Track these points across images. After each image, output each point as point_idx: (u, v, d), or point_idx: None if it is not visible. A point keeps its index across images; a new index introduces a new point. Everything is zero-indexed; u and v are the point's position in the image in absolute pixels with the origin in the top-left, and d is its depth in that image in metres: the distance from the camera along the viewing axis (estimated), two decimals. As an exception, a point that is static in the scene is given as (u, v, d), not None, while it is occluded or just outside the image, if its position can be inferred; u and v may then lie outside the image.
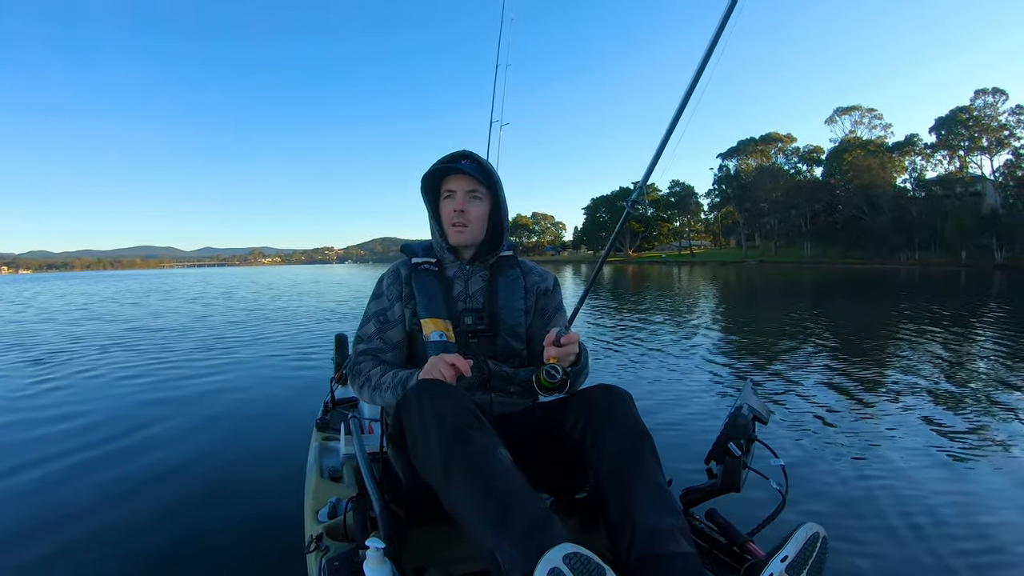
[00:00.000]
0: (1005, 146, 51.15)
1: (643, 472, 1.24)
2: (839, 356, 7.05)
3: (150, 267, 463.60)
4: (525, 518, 1.08)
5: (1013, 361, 6.58)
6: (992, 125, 51.96)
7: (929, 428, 4.09)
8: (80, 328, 11.98)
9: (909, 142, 60.03)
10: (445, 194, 1.71)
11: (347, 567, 1.31)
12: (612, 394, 1.40)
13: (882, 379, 5.75)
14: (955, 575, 2.26)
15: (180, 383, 6.04)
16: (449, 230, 1.70)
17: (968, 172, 54.57)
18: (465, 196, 1.67)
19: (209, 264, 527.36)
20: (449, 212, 1.69)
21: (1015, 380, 5.59)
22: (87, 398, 5.45)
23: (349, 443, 1.72)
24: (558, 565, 0.95)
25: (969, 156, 54.77)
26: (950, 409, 4.57)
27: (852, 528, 2.62)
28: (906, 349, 7.56)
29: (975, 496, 2.96)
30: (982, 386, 5.41)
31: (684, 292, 19.64)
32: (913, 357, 6.96)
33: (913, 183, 59.12)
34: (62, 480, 3.38)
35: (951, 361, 6.71)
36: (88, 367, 7.12)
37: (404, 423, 1.29)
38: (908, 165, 60.03)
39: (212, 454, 3.76)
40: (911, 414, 4.44)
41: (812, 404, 4.77)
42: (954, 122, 54.10)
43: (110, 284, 40.79)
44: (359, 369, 1.66)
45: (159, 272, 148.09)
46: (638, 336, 9.08)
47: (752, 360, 6.95)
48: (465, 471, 1.16)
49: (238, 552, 2.48)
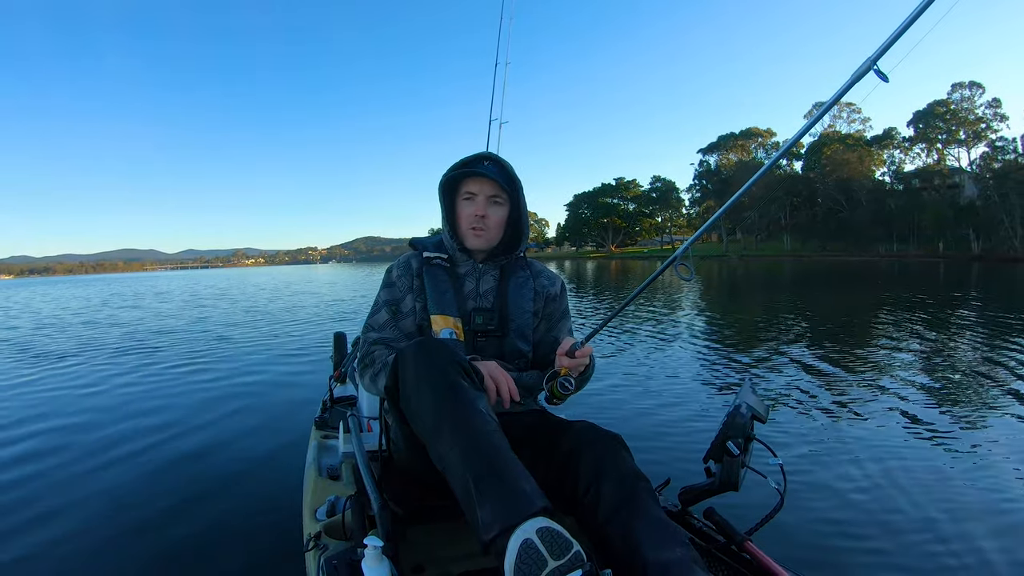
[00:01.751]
0: (982, 138, 52.13)
1: (643, 512, 1.22)
2: (826, 347, 7.12)
3: (133, 270, 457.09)
4: (507, 482, 1.11)
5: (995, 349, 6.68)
6: (969, 118, 52.92)
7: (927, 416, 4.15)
8: (75, 329, 11.97)
9: (887, 136, 61.01)
10: (465, 196, 1.67)
11: (345, 565, 1.30)
12: (603, 442, 1.37)
13: (872, 370, 5.82)
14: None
15: (178, 383, 6.02)
16: (467, 233, 1.68)
17: (946, 164, 55.49)
18: (486, 201, 1.65)
19: (192, 266, 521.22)
20: (469, 215, 1.66)
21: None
22: (86, 398, 5.45)
23: (348, 441, 1.72)
24: (531, 536, 1.01)
25: (947, 149, 55.80)
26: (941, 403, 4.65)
27: (850, 524, 2.64)
28: (891, 339, 7.66)
29: (971, 488, 2.99)
30: (967, 379, 5.49)
31: (667, 286, 19.72)
32: (900, 346, 7.06)
33: (892, 176, 60.01)
34: (59, 474, 3.37)
35: (944, 352, 6.81)
36: (86, 367, 7.12)
37: (400, 376, 1.32)
38: (887, 158, 61.01)
39: (210, 452, 3.75)
40: (903, 406, 4.50)
41: (805, 397, 4.82)
42: (931, 115, 55.11)
43: (101, 288, 40.08)
44: (374, 357, 1.60)
45: (143, 275, 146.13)
46: (627, 328, 9.10)
47: (739, 352, 6.99)
48: (454, 425, 1.19)
49: (236, 550, 2.47)
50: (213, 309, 16.41)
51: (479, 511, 1.09)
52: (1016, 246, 42.05)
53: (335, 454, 2.32)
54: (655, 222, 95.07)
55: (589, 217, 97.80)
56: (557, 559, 1.00)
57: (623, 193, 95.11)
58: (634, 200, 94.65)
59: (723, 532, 1.48)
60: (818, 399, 4.77)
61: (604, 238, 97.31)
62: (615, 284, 23.43)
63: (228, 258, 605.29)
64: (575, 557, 1.01)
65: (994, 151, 49.30)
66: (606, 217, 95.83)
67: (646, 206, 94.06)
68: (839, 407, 4.51)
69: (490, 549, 1.07)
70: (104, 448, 3.87)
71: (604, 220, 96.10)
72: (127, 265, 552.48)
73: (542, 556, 0.99)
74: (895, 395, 4.84)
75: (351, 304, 16.43)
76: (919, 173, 56.59)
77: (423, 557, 1.40)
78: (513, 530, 1.03)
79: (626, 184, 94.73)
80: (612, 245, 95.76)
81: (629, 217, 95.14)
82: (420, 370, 1.27)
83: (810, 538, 2.48)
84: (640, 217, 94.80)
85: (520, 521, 1.04)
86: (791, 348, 7.24)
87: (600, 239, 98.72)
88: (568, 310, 1.84)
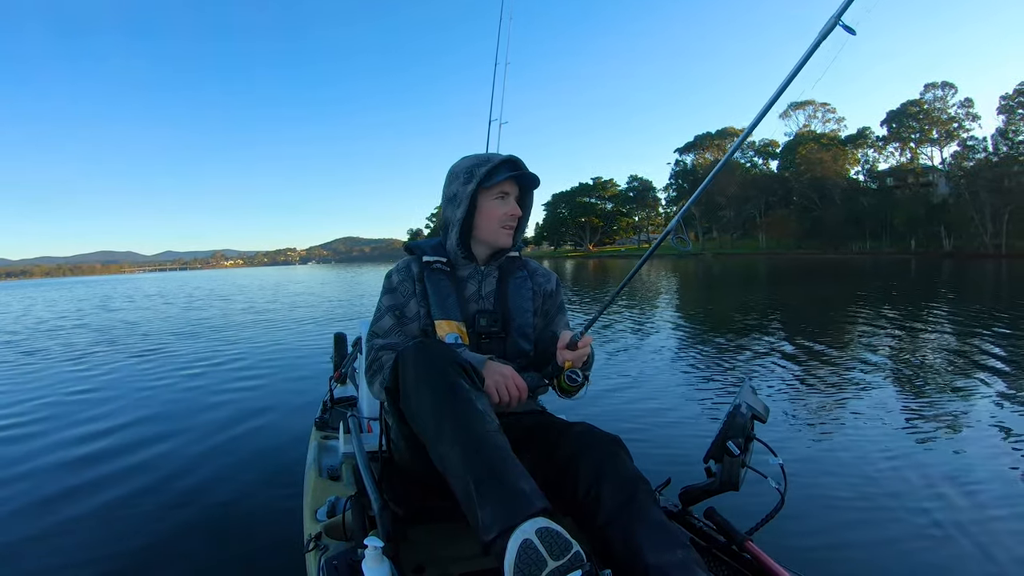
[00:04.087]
0: (954, 138, 53.21)
1: (643, 515, 1.22)
2: (823, 345, 7.23)
3: (111, 272, 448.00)
4: (507, 483, 1.12)
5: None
6: (942, 118, 54.00)
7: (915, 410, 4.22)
8: (69, 330, 12.05)
9: (861, 135, 62.01)
10: (499, 195, 1.68)
11: (346, 566, 1.30)
12: (603, 444, 1.37)
13: (871, 371, 5.92)
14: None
15: (177, 383, 6.04)
16: (499, 232, 1.68)
17: (919, 163, 56.55)
18: (516, 201, 1.71)
19: (171, 268, 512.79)
20: (503, 215, 1.67)
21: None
22: (84, 397, 5.50)
23: (348, 442, 1.73)
24: (531, 537, 1.02)
25: (920, 148, 56.82)
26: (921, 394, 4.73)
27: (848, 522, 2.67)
28: (890, 336, 7.79)
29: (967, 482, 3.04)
30: (969, 377, 5.59)
31: (648, 285, 19.85)
32: (898, 345, 7.18)
33: (865, 175, 61.00)
34: (57, 474, 3.42)
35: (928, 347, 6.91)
36: (84, 366, 7.22)
37: (400, 376, 1.33)
38: (861, 157, 62.02)
39: (210, 452, 3.76)
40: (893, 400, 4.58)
41: (804, 397, 4.90)
42: (905, 115, 56.13)
43: (85, 291, 39.31)
44: (382, 363, 1.58)
45: (122, 277, 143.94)
46: (626, 328, 9.19)
47: (738, 352, 7.07)
48: (454, 425, 1.20)
49: (236, 550, 2.50)
50: (210, 310, 16.38)
51: (479, 512, 1.10)
52: (986, 243, 43.04)
53: (335, 455, 2.32)
54: (632, 221, 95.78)
55: (567, 216, 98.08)
56: (557, 559, 1.00)
57: (601, 192, 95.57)
58: (612, 199, 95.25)
59: (724, 532, 1.47)
60: (818, 399, 4.82)
61: (582, 237, 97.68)
62: (594, 282, 23.61)
63: (207, 260, 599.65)
64: (575, 557, 1.01)
65: (965, 150, 50.38)
66: (584, 216, 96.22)
67: (624, 205, 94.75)
68: (839, 407, 4.56)
69: (490, 550, 1.08)
70: (103, 449, 3.89)
71: (582, 219, 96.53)
72: (105, 267, 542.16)
73: (541, 556, 1.00)
74: (895, 396, 4.89)
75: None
76: (893, 172, 57.67)
77: (424, 557, 1.40)
78: (513, 531, 1.04)
79: (604, 183, 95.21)
80: (590, 244, 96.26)
81: (607, 216, 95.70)
82: (420, 371, 1.28)
83: (811, 538, 2.50)
84: (618, 216, 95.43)
85: (519, 522, 1.05)
86: (786, 346, 7.35)
87: (578, 238, 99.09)
88: (564, 305, 1.86)
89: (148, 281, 64.04)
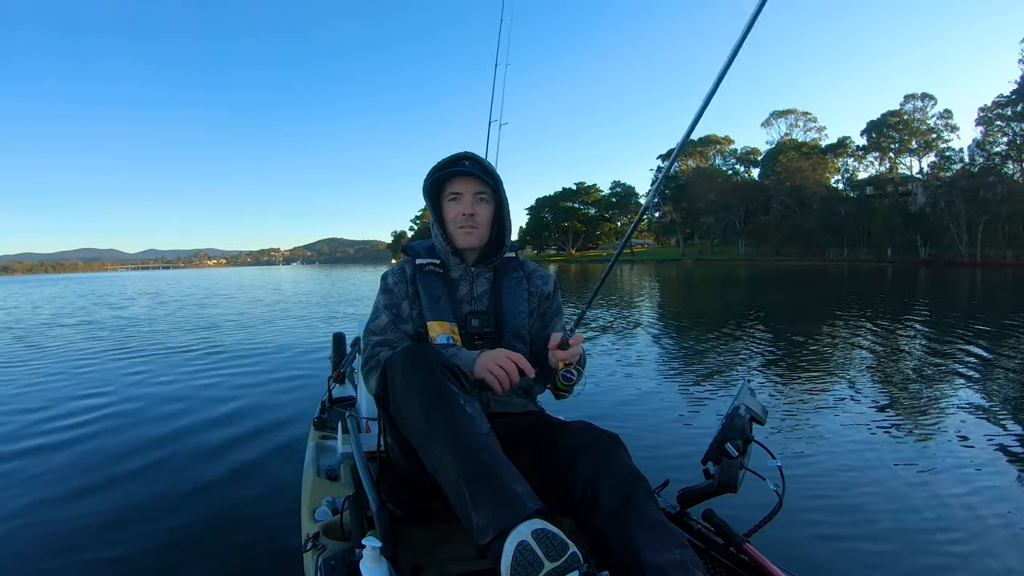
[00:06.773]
0: (933, 148, 54.18)
1: (642, 514, 1.22)
2: (821, 348, 7.31)
3: (93, 270, 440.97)
4: (500, 486, 1.11)
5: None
6: (921, 128, 54.92)
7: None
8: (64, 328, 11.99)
9: (841, 144, 62.85)
10: (450, 196, 1.68)
11: (343, 566, 1.28)
12: (601, 442, 1.37)
13: (871, 371, 5.98)
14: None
15: (175, 383, 5.98)
16: (456, 232, 1.67)
17: (898, 173, 57.48)
18: (473, 198, 1.66)
19: (154, 267, 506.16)
20: (456, 215, 1.66)
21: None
22: (83, 397, 5.43)
23: (346, 442, 1.73)
24: (526, 539, 1.01)
25: (899, 158, 57.73)
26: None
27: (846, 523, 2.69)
28: (882, 342, 7.89)
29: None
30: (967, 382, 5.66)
31: (631, 289, 19.98)
32: (895, 347, 7.27)
33: (845, 183, 61.88)
34: (56, 475, 3.37)
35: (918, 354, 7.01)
36: (82, 365, 7.16)
37: (388, 384, 1.33)
38: (841, 166, 62.88)
39: (209, 452, 3.74)
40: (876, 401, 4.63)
41: (803, 397, 4.94)
42: (884, 125, 56.98)
43: (75, 287, 38.59)
44: (379, 359, 1.57)
45: (105, 275, 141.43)
46: (624, 328, 9.26)
47: (736, 351, 7.15)
48: (445, 431, 1.19)
49: (234, 551, 2.47)
50: (210, 309, 16.25)
51: (473, 516, 1.09)
52: (961, 251, 43.91)
53: (334, 455, 2.30)
54: (615, 226, 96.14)
55: (550, 221, 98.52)
56: (553, 560, 1.00)
57: (584, 197, 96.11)
58: (594, 204, 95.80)
59: (722, 534, 1.47)
60: (817, 399, 4.86)
61: (565, 242, 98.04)
62: (576, 284, 23.79)
63: (190, 258, 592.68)
64: (571, 558, 1.01)
65: (942, 160, 51.28)
66: (567, 221, 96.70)
67: (606, 211, 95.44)
68: (839, 407, 4.61)
69: (486, 553, 1.07)
70: (103, 449, 3.86)
71: (565, 224, 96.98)
72: (87, 265, 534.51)
73: (538, 558, 1.00)
74: (894, 395, 4.96)
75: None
76: (872, 180, 58.62)
77: (421, 558, 1.40)
78: (508, 533, 1.04)
79: (587, 188, 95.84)
80: (572, 249, 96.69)
81: (589, 221, 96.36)
82: (408, 378, 1.28)
83: (809, 540, 2.51)
84: (600, 221, 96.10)
85: (515, 524, 1.04)
86: (785, 346, 7.46)
87: (561, 243, 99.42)
88: (561, 308, 1.85)
89: (134, 279, 63.17)
